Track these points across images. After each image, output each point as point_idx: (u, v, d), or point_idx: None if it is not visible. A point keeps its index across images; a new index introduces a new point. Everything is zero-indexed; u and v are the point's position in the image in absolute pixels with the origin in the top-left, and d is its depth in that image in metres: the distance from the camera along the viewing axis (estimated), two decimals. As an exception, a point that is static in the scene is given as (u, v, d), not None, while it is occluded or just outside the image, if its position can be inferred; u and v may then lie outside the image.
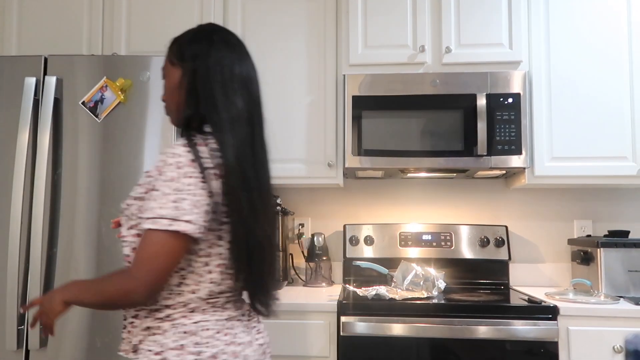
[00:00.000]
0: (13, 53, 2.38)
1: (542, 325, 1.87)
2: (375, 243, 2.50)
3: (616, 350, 1.86)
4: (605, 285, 2.15)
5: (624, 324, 1.87)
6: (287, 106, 2.35)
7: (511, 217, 2.60)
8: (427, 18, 2.32)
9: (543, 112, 2.25)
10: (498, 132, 2.18)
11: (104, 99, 1.96)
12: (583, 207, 2.57)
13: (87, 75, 1.96)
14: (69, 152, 1.96)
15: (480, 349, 1.88)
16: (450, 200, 2.63)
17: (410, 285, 2.11)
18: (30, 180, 1.92)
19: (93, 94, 1.95)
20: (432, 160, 2.20)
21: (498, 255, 2.45)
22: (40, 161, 1.91)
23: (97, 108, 1.96)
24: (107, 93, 1.95)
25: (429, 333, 1.89)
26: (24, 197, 1.90)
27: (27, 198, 1.92)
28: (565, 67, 2.26)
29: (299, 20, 2.38)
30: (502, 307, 1.93)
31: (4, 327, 1.86)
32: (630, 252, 2.15)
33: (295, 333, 1.95)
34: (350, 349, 1.91)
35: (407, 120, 2.21)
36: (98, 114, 1.95)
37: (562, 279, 2.53)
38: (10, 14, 2.41)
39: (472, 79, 2.21)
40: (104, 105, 1.95)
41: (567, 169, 2.23)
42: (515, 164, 2.17)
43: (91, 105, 1.96)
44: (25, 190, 1.91)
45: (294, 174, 2.33)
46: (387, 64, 2.31)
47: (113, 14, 2.40)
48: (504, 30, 2.28)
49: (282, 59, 2.37)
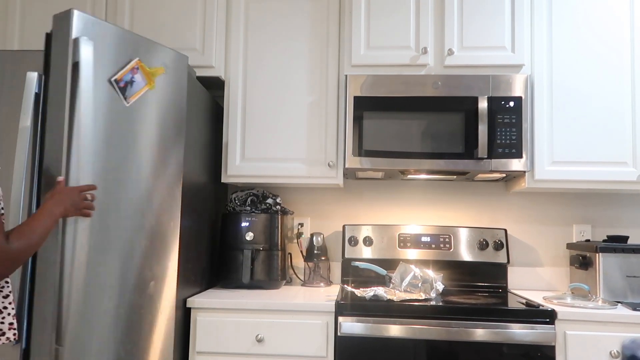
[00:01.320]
0: (15, 47, 2.38)
1: (539, 329, 1.87)
2: (374, 244, 2.50)
3: (613, 356, 1.86)
4: (603, 290, 2.15)
5: (622, 329, 1.87)
6: (288, 105, 2.36)
7: (510, 220, 2.60)
8: (430, 20, 2.32)
9: (544, 116, 2.25)
10: (499, 135, 2.18)
11: (133, 82, 1.76)
12: (582, 211, 2.57)
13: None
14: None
15: (477, 352, 1.88)
16: (449, 203, 2.63)
17: (409, 287, 2.11)
18: (30, 179, 1.92)
19: (125, 73, 1.73)
20: (433, 162, 2.20)
21: (497, 259, 2.45)
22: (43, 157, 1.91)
23: (127, 90, 1.75)
24: (138, 76, 1.77)
25: (427, 335, 1.89)
26: (23, 193, 1.90)
27: (27, 195, 1.91)
28: (567, 72, 2.26)
29: (301, 20, 2.38)
30: (499, 310, 1.93)
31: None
32: (628, 257, 2.15)
33: (293, 332, 1.95)
34: (348, 350, 1.91)
35: (408, 122, 2.21)
36: (127, 97, 1.76)
37: (560, 283, 2.53)
38: (12, 8, 2.41)
39: (474, 81, 2.21)
40: (133, 89, 1.76)
41: (567, 174, 2.23)
42: (515, 168, 2.18)
43: (121, 85, 1.74)
44: (25, 187, 1.90)
45: (294, 174, 2.33)
46: (389, 65, 2.31)
47: (116, 9, 2.40)
48: (507, 33, 2.28)
49: (285, 59, 2.37)
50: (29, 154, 1.93)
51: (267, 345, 1.95)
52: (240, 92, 2.38)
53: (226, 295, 2.10)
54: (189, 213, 2.06)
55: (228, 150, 2.36)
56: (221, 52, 2.38)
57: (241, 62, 2.39)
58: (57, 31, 1.66)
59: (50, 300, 1.66)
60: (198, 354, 1.98)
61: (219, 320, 1.98)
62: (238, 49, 2.39)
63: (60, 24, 1.67)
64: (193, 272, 2.13)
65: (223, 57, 2.39)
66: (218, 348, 1.96)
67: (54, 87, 1.68)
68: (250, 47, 2.39)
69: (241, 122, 2.37)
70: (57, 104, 1.67)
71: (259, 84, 2.37)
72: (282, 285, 2.39)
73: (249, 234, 2.27)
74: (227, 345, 1.96)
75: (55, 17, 1.68)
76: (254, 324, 1.96)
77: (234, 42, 2.39)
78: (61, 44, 1.66)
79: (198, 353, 1.98)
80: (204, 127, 2.24)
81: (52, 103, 1.68)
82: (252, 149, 2.35)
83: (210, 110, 2.33)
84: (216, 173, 2.42)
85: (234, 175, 2.35)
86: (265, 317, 1.97)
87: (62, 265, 1.66)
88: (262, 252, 2.29)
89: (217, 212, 2.48)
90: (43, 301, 1.67)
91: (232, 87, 2.38)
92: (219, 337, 1.97)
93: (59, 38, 1.66)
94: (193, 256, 2.13)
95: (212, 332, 1.97)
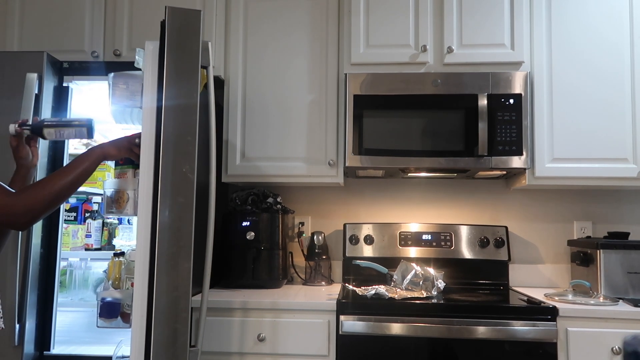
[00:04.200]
0: (15, 48, 2.38)
1: (541, 326, 1.87)
2: (375, 242, 2.50)
3: (615, 352, 1.86)
4: (605, 287, 2.15)
5: (623, 326, 1.87)
6: (288, 104, 2.35)
7: (511, 217, 2.60)
8: (429, 18, 2.32)
9: (544, 113, 2.25)
10: (499, 133, 2.18)
11: None
12: (583, 208, 2.57)
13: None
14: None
15: (479, 350, 1.88)
16: (450, 201, 2.63)
17: (410, 285, 2.11)
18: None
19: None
20: (433, 160, 2.20)
21: (498, 256, 2.45)
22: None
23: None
24: None
25: (428, 333, 1.89)
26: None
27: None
28: (566, 68, 2.26)
29: (301, 18, 2.38)
30: (501, 308, 1.93)
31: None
32: (629, 253, 2.15)
33: (295, 332, 1.95)
34: (349, 348, 1.91)
35: (408, 120, 2.21)
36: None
37: (561, 280, 2.53)
38: (12, 9, 2.41)
39: (474, 79, 2.21)
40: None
41: (567, 170, 2.23)
42: (515, 165, 2.17)
43: None
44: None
45: (295, 173, 2.33)
46: (389, 64, 2.31)
47: (115, 10, 2.40)
48: (506, 30, 2.28)
49: (284, 57, 2.37)
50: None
51: (268, 344, 1.95)
52: (240, 91, 2.38)
53: (227, 295, 2.10)
54: (190, 213, 2.05)
55: (228, 149, 2.36)
56: (220, 51, 2.38)
57: (241, 61, 2.39)
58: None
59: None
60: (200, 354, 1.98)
61: (220, 320, 1.98)
62: (237, 48, 2.39)
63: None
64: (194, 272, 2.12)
65: (222, 57, 2.38)
66: (220, 348, 1.96)
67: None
68: (249, 46, 2.39)
69: (241, 121, 2.37)
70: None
71: (259, 84, 2.37)
72: (283, 284, 2.39)
73: (249, 234, 2.27)
74: (228, 345, 1.96)
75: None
76: (255, 324, 1.96)
77: (233, 42, 2.39)
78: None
79: (200, 352, 1.98)
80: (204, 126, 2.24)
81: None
82: (252, 149, 2.35)
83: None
84: (216, 172, 2.42)
85: (234, 174, 2.35)
86: (266, 316, 1.97)
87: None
88: (263, 251, 2.29)
89: (217, 212, 2.47)
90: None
91: (231, 87, 2.37)
92: (221, 337, 1.97)
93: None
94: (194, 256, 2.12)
95: (213, 332, 1.97)
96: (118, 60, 2.34)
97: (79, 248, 2.37)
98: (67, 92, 2.14)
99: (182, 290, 1.41)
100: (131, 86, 1.67)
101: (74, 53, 2.36)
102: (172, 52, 1.46)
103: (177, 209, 1.42)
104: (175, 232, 1.42)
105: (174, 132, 1.45)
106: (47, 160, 2.05)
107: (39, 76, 1.96)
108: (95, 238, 2.41)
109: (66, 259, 2.31)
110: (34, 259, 1.95)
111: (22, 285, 1.91)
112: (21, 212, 1.32)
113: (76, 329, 2.22)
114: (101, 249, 2.43)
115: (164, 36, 1.47)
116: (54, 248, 2.05)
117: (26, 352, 1.92)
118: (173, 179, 1.43)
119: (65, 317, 2.19)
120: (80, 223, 2.44)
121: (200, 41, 1.50)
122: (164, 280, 1.41)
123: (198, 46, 1.49)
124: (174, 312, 1.40)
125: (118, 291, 1.79)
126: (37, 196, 1.34)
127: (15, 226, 1.33)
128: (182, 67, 1.46)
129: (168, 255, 1.42)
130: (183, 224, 1.42)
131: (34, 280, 1.95)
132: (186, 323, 1.40)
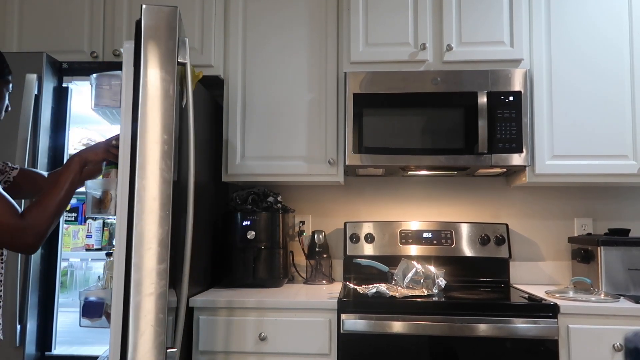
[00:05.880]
0: (14, 49, 2.38)
1: (542, 324, 1.87)
2: (376, 241, 2.50)
3: (616, 349, 1.86)
4: (606, 284, 2.15)
5: (624, 322, 1.88)
6: (287, 103, 2.35)
7: (512, 215, 2.60)
8: (429, 16, 2.32)
9: (544, 110, 2.25)
10: (499, 130, 2.18)
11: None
12: (583, 205, 2.57)
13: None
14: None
15: (480, 347, 1.88)
16: (450, 198, 2.63)
17: (411, 283, 2.11)
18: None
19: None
20: (433, 158, 2.20)
21: (498, 253, 2.45)
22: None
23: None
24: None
25: (429, 331, 1.89)
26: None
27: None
28: (566, 65, 2.26)
29: (300, 17, 2.38)
30: (502, 305, 1.93)
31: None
32: (630, 250, 2.15)
33: (296, 330, 1.95)
34: (351, 347, 1.91)
35: (408, 118, 2.21)
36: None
37: (562, 277, 2.53)
38: (11, 9, 2.41)
39: (473, 77, 2.21)
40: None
41: (567, 167, 2.23)
42: (515, 162, 2.17)
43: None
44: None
45: (295, 172, 2.33)
46: (388, 62, 2.31)
47: (114, 10, 2.40)
48: (505, 28, 2.28)
49: (283, 56, 2.37)
50: (29, 153, 1.93)
51: (270, 343, 1.95)
52: (240, 91, 2.38)
53: (228, 294, 2.10)
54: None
55: (228, 149, 2.36)
56: (220, 51, 2.38)
57: (240, 61, 2.39)
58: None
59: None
60: (201, 354, 1.98)
61: (221, 319, 1.98)
62: (237, 48, 2.39)
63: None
64: (195, 272, 2.13)
65: (222, 56, 2.38)
66: (221, 347, 1.97)
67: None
68: (249, 46, 2.39)
69: (241, 121, 2.37)
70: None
71: (258, 83, 2.37)
72: (284, 283, 2.39)
73: (250, 233, 2.27)
74: (230, 344, 1.96)
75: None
76: (256, 323, 1.96)
77: (232, 41, 2.39)
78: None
79: (201, 352, 1.98)
80: (204, 126, 2.24)
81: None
82: (252, 148, 2.35)
83: (210, 109, 2.33)
84: (217, 172, 2.42)
85: (235, 174, 2.35)
86: (267, 315, 1.97)
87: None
88: (264, 250, 2.29)
89: (218, 211, 2.48)
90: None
91: (231, 87, 2.37)
92: (222, 336, 1.97)
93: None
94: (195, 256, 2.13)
95: (214, 331, 1.97)
96: (117, 60, 2.34)
97: (80, 248, 2.37)
98: (66, 93, 2.14)
99: (159, 291, 1.39)
100: (114, 87, 1.66)
101: (74, 53, 2.36)
102: (147, 50, 1.44)
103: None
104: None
105: (150, 130, 1.42)
106: (47, 160, 2.05)
107: (39, 77, 1.96)
108: (96, 238, 2.42)
109: (67, 259, 2.32)
110: (34, 259, 1.95)
111: (23, 286, 1.91)
112: (32, 242, 1.34)
113: (77, 329, 2.21)
114: (102, 249, 2.43)
115: (140, 34, 1.45)
116: (54, 248, 2.05)
117: (27, 352, 1.92)
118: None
119: (67, 317, 2.19)
120: (81, 223, 2.44)
121: (176, 38, 1.47)
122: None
123: (174, 43, 1.46)
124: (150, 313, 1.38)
125: (101, 291, 1.77)
126: (42, 220, 1.36)
127: (26, 252, 1.36)
128: (158, 64, 1.44)
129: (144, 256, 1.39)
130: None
131: (34, 281, 1.95)
132: (163, 324, 1.39)
